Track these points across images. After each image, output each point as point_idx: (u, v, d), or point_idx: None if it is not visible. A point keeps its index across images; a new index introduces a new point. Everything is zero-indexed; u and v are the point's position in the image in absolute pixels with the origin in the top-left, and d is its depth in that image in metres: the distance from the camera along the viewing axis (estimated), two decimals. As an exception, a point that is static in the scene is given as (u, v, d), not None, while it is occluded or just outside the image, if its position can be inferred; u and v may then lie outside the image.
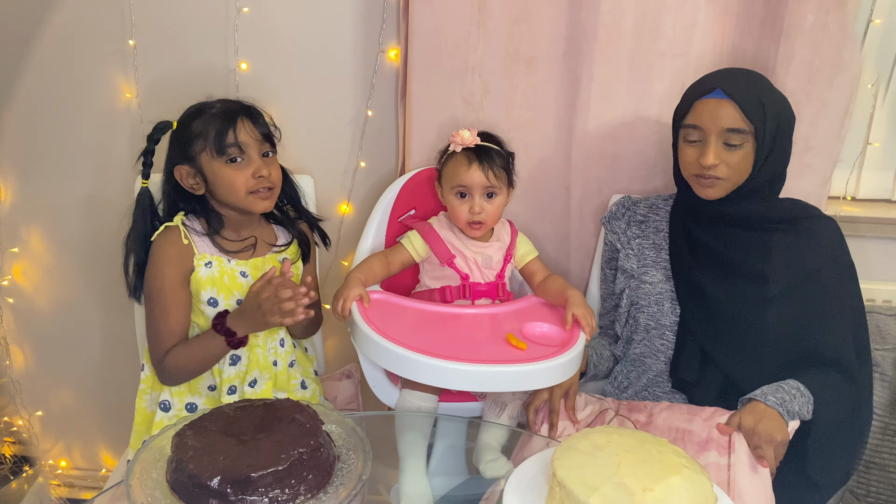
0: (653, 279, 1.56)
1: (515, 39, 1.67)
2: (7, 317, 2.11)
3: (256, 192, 1.42)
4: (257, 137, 1.42)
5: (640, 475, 0.98)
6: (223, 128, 1.39)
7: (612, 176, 1.74)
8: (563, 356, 1.33)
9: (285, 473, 1.00)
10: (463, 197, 1.54)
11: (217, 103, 1.44)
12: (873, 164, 1.86)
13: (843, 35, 1.55)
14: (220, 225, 1.47)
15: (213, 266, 1.45)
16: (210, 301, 1.45)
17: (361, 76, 1.82)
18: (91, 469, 2.28)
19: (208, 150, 1.39)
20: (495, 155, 1.54)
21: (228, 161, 1.40)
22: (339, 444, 1.14)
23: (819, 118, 1.61)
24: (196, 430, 1.07)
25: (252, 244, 1.50)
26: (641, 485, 0.96)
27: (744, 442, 1.33)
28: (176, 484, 1.03)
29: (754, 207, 1.46)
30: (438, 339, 1.37)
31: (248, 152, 1.41)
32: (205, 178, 1.42)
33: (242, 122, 1.41)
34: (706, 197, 1.44)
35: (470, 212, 1.53)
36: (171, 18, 1.81)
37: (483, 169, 1.52)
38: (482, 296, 1.57)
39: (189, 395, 1.50)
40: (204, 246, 1.46)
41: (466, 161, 1.53)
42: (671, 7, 1.62)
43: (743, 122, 1.37)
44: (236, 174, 1.40)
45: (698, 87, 1.44)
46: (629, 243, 1.60)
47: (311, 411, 1.12)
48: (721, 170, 1.40)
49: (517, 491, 1.05)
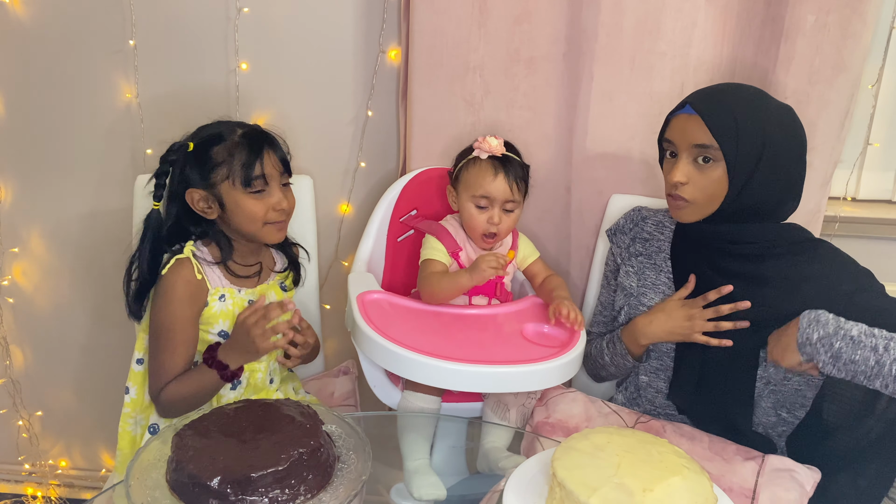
0: (650, 302, 1.51)
1: (516, 40, 1.67)
2: (7, 317, 2.11)
3: (273, 222, 1.42)
4: (280, 169, 1.41)
5: (641, 475, 0.98)
6: (250, 160, 1.37)
7: (613, 177, 1.73)
8: (564, 357, 1.34)
9: (285, 473, 1.00)
10: (482, 208, 1.52)
11: (237, 128, 1.42)
12: (874, 165, 1.86)
13: (844, 35, 1.55)
14: (231, 251, 1.45)
15: (226, 299, 1.44)
16: (221, 333, 1.44)
17: (362, 76, 1.82)
18: (91, 469, 2.28)
19: (232, 179, 1.37)
20: (518, 167, 1.53)
21: (254, 192, 1.38)
22: (339, 445, 1.13)
23: (819, 119, 1.61)
24: (196, 430, 1.07)
25: (258, 271, 1.50)
26: (641, 485, 0.96)
27: (769, 494, 1.27)
28: (176, 484, 1.03)
29: (737, 230, 1.38)
30: (439, 339, 1.37)
31: (271, 184, 1.40)
32: (221, 205, 1.40)
33: (268, 153, 1.39)
34: (678, 219, 1.41)
35: (488, 222, 1.51)
36: (171, 19, 1.82)
37: (508, 181, 1.50)
38: (479, 293, 1.56)
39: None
40: (216, 278, 1.44)
41: (492, 171, 1.50)
42: (671, 8, 1.61)
43: (709, 138, 1.31)
44: (258, 205, 1.39)
45: (680, 103, 1.40)
46: (630, 260, 1.55)
47: (311, 411, 1.12)
48: (687, 191, 1.35)
49: (517, 491, 1.05)
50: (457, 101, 1.72)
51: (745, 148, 1.30)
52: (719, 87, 1.41)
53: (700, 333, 1.39)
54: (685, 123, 1.35)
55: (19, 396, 2.17)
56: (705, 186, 1.34)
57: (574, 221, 1.79)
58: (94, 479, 2.28)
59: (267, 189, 1.40)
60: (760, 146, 1.31)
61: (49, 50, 1.86)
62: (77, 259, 2.05)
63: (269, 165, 1.39)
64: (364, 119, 1.84)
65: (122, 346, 2.10)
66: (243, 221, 1.40)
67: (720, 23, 1.64)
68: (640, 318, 1.47)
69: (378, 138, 1.86)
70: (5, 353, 2.13)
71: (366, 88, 1.83)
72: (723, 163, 1.32)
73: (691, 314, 1.40)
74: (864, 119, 1.81)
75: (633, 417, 1.47)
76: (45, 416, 2.21)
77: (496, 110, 1.73)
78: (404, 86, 1.76)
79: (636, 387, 1.54)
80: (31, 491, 2.27)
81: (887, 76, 1.78)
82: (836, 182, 1.83)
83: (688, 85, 1.66)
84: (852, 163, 1.84)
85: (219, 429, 1.08)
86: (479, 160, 1.52)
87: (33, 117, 1.93)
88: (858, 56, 1.57)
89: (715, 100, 1.34)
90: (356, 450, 1.12)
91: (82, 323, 2.12)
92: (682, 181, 1.34)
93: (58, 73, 1.88)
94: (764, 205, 1.35)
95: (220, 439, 1.05)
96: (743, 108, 1.32)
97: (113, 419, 2.20)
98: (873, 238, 1.84)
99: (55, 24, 1.84)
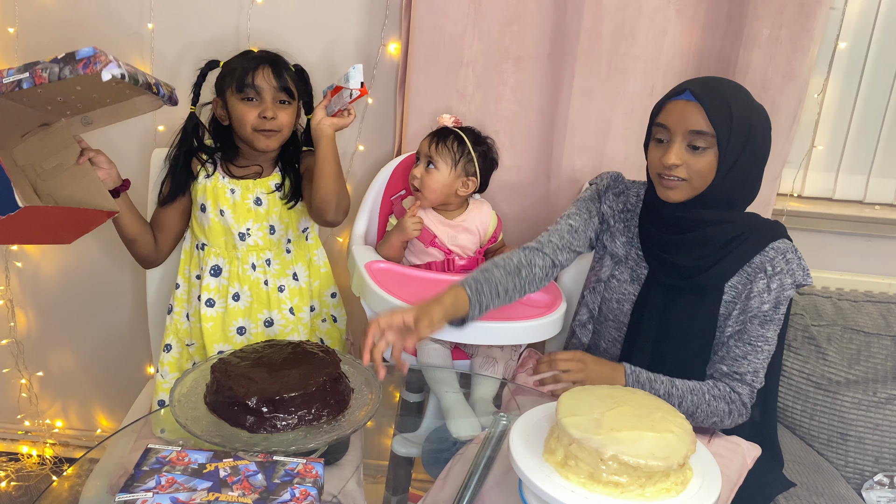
0: (622, 276, 1.56)
1: (506, 39, 1.86)
2: (13, 280, 2.21)
3: (261, 130, 1.62)
4: (273, 85, 1.62)
5: (621, 420, 1.07)
6: (245, 71, 1.61)
7: (589, 167, 1.93)
8: (551, 316, 1.57)
9: (312, 396, 1.17)
10: (416, 163, 1.80)
11: (256, 51, 1.69)
12: (817, 166, 2.09)
13: (794, 49, 1.77)
14: (234, 155, 1.71)
15: (209, 179, 1.69)
16: (202, 207, 1.69)
17: (363, 67, 1.98)
18: (86, 430, 2.39)
19: (231, 86, 1.62)
20: (452, 137, 1.76)
21: (244, 99, 1.61)
22: (352, 381, 1.30)
23: (772, 120, 1.79)
24: (232, 361, 1.23)
25: (258, 173, 1.71)
26: (614, 425, 1.05)
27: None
28: (215, 405, 1.18)
29: (710, 217, 1.43)
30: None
31: (263, 95, 1.62)
32: (228, 112, 1.65)
33: (263, 69, 1.62)
34: (667, 199, 1.43)
35: (411, 175, 1.78)
36: (188, 5, 1.95)
37: (430, 140, 1.76)
38: (462, 270, 1.77)
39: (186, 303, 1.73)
40: (211, 166, 1.71)
41: (429, 138, 1.78)
42: (645, 17, 1.82)
43: (706, 125, 1.36)
44: (247, 111, 1.61)
45: (675, 89, 1.44)
46: (617, 225, 1.58)
47: (331, 350, 1.30)
48: (682, 171, 1.38)
49: (524, 431, 1.15)
50: (451, 92, 1.90)
51: (735, 137, 1.36)
52: (713, 77, 1.47)
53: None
54: (684, 109, 1.38)
55: (22, 357, 2.27)
56: (699, 169, 1.38)
57: (552, 206, 1.98)
58: (88, 438, 2.39)
59: (258, 99, 1.61)
60: (746, 137, 1.37)
61: (69, 28, 1.98)
62: (84, 228, 2.17)
63: (261, 79, 1.61)
64: (364, 106, 2.01)
65: (122, 313, 2.23)
66: (237, 125, 1.64)
67: (688, 33, 1.84)
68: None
69: (376, 124, 2.03)
70: (10, 314, 2.23)
71: (367, 78, 1.98)
72: (713, 149, 1.37)
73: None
74: (809, 125, 2.03)
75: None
76: (44, 376, 2.32)
77: (486, 103, 1.91)
78: (403, 77, 1.93)
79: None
80: (27, 450, 2.37)
81: (832, 87, 2.01)
82: (784, 180, 2.05)
83: (657, 87, 1.86)
84: (798, 163, 2.06)
85: (252, 361, 1.24)
86: (432, 131, 1.81)
87: (50, 92, 2.04)
88: (806, 67, 1.79)
89: (713, 88, 1.39)
90: (368, 385, 1.30)
91: (85, 289, 2.23)
92: (677, 163, 1.38)
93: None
94: (738, 192, 1.42)
95: (255, 368, 1.21)
96: (735, 98, 1.38)
97: (110, 382, 2.34)
98: (815, 231, 2.06)
99: (76, 5, 1.96)
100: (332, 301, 1.83)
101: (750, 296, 1.44)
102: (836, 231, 2.06)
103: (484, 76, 1.89)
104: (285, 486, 1.01)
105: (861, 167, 2.08)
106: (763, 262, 1.44)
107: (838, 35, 1.95)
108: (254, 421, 1.15)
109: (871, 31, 1.96)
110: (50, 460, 2.36)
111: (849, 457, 1.78)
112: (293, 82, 1.66)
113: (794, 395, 1.83)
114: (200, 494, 0.98)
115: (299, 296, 1.75)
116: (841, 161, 2.08)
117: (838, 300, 1.90)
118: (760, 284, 1.43)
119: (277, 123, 1.62)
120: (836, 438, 1.79)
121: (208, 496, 0.98)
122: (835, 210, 2.06)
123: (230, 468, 1.04)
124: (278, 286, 1.71)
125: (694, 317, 1.47)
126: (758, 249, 1.44)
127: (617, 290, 1.56)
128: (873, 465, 1.77)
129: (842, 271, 2.06)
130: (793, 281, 1.43)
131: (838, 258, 2.08)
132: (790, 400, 1.83)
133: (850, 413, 1.78)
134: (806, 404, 1.82)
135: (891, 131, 2.04)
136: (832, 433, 1.79)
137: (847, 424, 1.78)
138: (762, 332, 1.44)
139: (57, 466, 2.35)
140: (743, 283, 1.45)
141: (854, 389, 1.78)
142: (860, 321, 1.85)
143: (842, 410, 1.78)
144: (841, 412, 1.78)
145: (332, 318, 1.83)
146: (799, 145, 2.02)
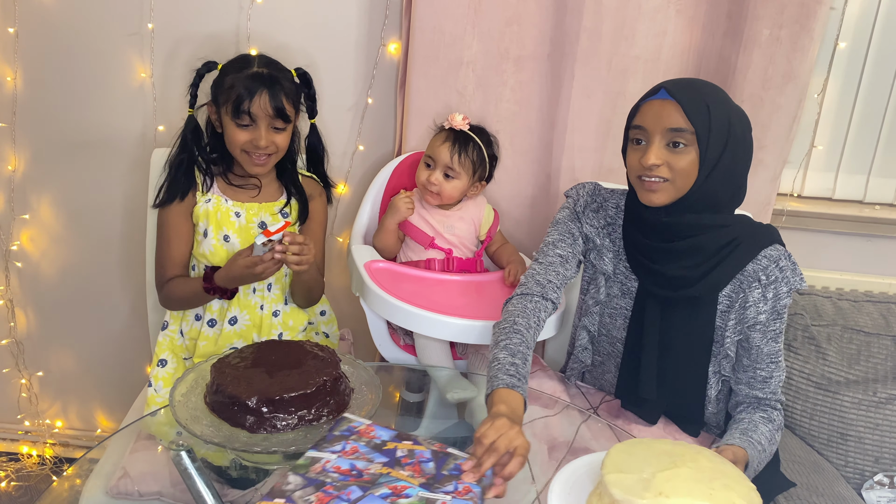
0: (612, 291, 1.53)
1: (506, 40, 1.86)
2: (13, 280, 2.21)
3: (250, 155, 1.60)
4: (269, 112, 1.57)
5: (674, 484, 0.94)
6: (242, 97, 1.55)
7: (589, 166, 1.93)
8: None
9: (312, 396, 1.17)
10: (429, 167, 1.78)
11: (255, 63, 1.61)
12: (817, 166, 2.08)
13: (794, 48, 1.77)
14: (229, 166, 1.67)
15: (210, 202, 1.64)
16: (204, 232, 1.64)
17: (363, 67, 1.98)
18: (86, 430, 2.39)
19: (227, 107, 1.57)
20: (472, 146, 1.74)
21: (239, 125, 1.57)
22: (352, 380, 1.30)
23: (771, 121, 1.82)
24: (232, 361, 1.23)
25: (256, 185, 1.68)
26: (663, 489, 0.93)
27: None
28: (215, 405, 1.19)
29: (700, 222, 1.39)
30: (436, 299, 1.58)
31: (258, 122, 1.58)
32: (221, 125, 1.62)
33: (261, 95, 1.56)
34: (650, 203, 1.37)
35: (427, 180, 1.76)
36: (187, 5, 1.95)
37: (451, 150, 1.74)
38: (462, 268, 1.77)
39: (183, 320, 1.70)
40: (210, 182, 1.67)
41: (444, 138, 1.76)
42: (645, 17, 1.82)
43: (684, 121, 1.32)
44: (239, 134, 1.58)
45: (650, 90, 1.40)
46: (604, 241, 1.53)
47: (329, 350, 1.29)
48: (664, 170, 1.34)
49: (566, 481, 1.07)
50: (450, 92, 1.90)
51: (715, 135, 1.33)
52: (688, 79, 1.45)
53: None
54: (660, 108, 1.35)
55: (22, 357, 2.27)
56: (681, 168, 1.34)
57: (552, 206, 1.98)
58: (88, 438, 2.39)
59: (253, 125, 1.57)
60: (727, 134, 1.34)
61: (69, 28, 1.98)
62: (83, 229, 2.17)
63: (258, 106, 1.55)
64: (364, 106, 2.01)
65: (121, 313, 2.24)
66: (227, 143, 1.62)
67: (688, 33, 1.84)
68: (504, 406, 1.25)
69: (376, 124, 2.03)
70: (10, 314, 2.23)
71: (367, 78, 1.99)
72: (694, 147, 1.33)
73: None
74: (809, 125, 2.02)
75: (598, 397, 1.56)
76: (44, 376, 2.32)
77: (486, 103, 1.91)
78: (403, 77, 1.93)
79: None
80: (27, 450, 2.37)
81: (831, 87, 2.01)
82: (784, 180, 2.05)
83: (657, 87, 1.86)
84: (798, 163, 2.06)
85: (252, 362, 1.24)
86: (443, 130, 1.79)
87: (49, 92, 2.04)
88: (806, 67, 1.79)
89: (688, 86, 1.37)
90: (368, 385, 1.30)
91: (85, 289, 2.23)
92: (657, 163, 1.34)
93: (76, 51, 2.00)
94: (723, 194, 1.38)
95: (255, 369, 1.21)
96: (713, 97, 1.36)
97: (110, 383, 2.34)
98: (815, 231, 2.06)
99: (76, 5, 1.96)
100: (323, 318, 1.82)
101: (746, 305, 1.42)
102: (836, 231, 2.06)
103: (484, 76, 1.89)
104: (451, 479, 1.05)
105: (861, 167, 2.08)
106: (756, 271, 1.42)
107: (838, 35, 1.95)
108: (254, 421, 1.15)
109: (871, 31, 1.96)
110: (50, 460, 2.36)
111: (849, 457, 1.78)
112: (291, 101, 1.61)
113: (794, 395, 1.82)
114: (376, 466, 1.05)
115: (294, 318, 1.72)
116: (841, 161, 2.08)
117: (838, 300, 1.90)
118: (756, 294, 1.42)
119: (272, 148, 1.60)
120: (836, 438, 1.78)
121: (382, 469, 1.04)
122: (835, 210, 2.06)
123: (407, 451, 1.10)
124: (273, 311, 1.69)
125: (692, 330, 1.45)
126: (750, 257, 1.42)
127: (608, 305, 1.53)
128: (873, 465, 1.77)
129: (842, 271, 2.07)
130: (788, 288, 1.42)
131: (838, 258, 2.08)
132: (790, 400, 1.82)
133: (850, 413, 1.77)
134: (806, 404, 1.81)
135: (891, 131, 2.04)
136: (832, 433, 1.79)
137: (847, 424, 1.77)
138: (777, 347, 1.44)
139: (57, 466, 2.35)
140: (736, 292, 1.43)
141: (854, 389, 1.78)
142: (860, 321, 1.85)
143: (842, 410, 1.78)
144: (841, 412, 1.78)
145: (323, 334, 1.83)
146: (799, 145, 2.02)
